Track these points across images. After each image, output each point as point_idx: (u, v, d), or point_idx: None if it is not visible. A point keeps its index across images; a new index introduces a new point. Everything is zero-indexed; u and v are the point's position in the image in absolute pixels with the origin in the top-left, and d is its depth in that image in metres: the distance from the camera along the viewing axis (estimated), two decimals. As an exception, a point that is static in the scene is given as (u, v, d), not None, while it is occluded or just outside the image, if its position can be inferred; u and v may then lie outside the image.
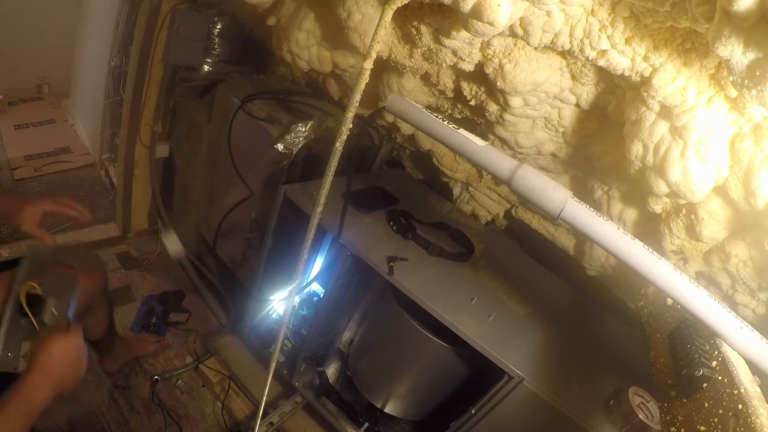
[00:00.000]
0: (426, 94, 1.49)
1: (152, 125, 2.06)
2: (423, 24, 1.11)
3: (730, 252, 1.11)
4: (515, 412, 1.17)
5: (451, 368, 1.46)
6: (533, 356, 1.21)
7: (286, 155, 1.65)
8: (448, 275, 1.40)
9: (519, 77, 1.09)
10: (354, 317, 1.80)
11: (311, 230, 1.08)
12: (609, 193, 1.34)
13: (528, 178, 0.81)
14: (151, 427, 1.64)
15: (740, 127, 0.89)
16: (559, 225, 1.70)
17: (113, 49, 2.14)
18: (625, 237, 0.75)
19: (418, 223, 1.57)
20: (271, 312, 1.84)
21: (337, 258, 1.46)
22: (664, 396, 0.70)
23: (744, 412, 0.55)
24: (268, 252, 1.64)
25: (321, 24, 1.42)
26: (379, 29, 0.82)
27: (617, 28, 0.88)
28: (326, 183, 0.98)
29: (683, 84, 0.88)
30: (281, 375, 1.74)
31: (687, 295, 0.70)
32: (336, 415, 1.65)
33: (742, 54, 0.62)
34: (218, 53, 1.97)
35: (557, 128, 1.29)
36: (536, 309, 1.42)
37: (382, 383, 1.64)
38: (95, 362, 1.73)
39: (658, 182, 0.99)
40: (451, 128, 0.89)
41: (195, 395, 1.79)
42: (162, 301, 2.06)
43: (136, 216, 2.35)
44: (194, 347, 1.96)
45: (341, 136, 0.92)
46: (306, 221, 1.09)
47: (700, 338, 0.73)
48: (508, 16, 0.84)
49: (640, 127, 0.97)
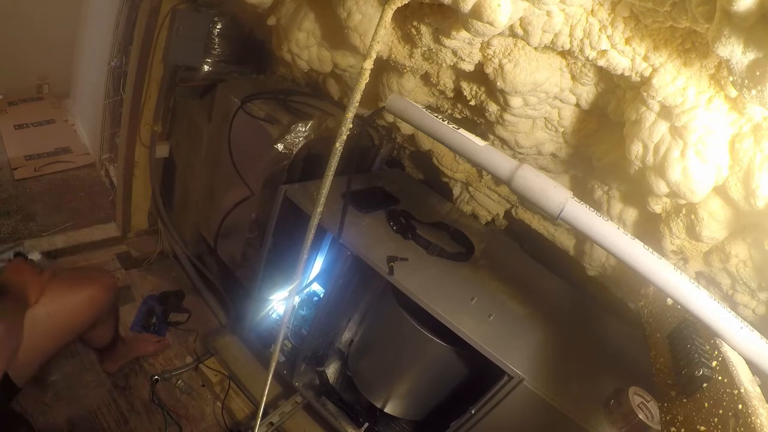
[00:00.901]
0: (426, 94, 1.49)
1: (152, 125, 2.06)
2: (423, 24, 1.11)
3: (730, 252, 1.11)
4: (515, 412, 1.17)
5: (451, 368, 1.46)
6: (533, 356, 1.21)
7: (286, 155, 1.65)
8: (448, 275, 1.39)
9: (519, 77, 1.09)
10: (354, 317, 1.80)
11: (311, 230, 1.08)
12: (609, 193, 1.34)
13: (528, 178, 0.81)
14: (151, 427, 1.64)
15: (740, 127, 0.89)
16: (559, 225, 1.70)
17: (113, 49, 2.14)
18: (625, 237, 0.75)
19: (418, 223, 1.57)
20: (271, 312, 1.84)
21: (337, 258, 1.46)
22: (664, 396, 0.70)
23: (744, 412, 0.55)
24: (268, 252, 1.64)
25: (321, 24, 1.42)
26: (379, 29, 0.82)
27: (617, 28, 0.88)
28: (326, 183, 0.98)
29: (683, 84, 0.88)
30: (281, 375, 1.74)
31: (687, 295, 0.70)
32: (336, 415, 1.65)
33: (742, 54, 0.62)
34: (218, 53, 1.97)
35: (557, 128, 1.29)
36: (536, 309, 1.42)
37: (382, 383, 1.64)
38: (95, 362, 1.73)
39: (658, 182, 0.99)
40: (451, 128, 0.89)
41: (195, 395, 1.79)
42: (162, 301, 2.06)
43: (136, 216, 2.35)
44: (194, 347, 1.96)
45: (341, 136, 0.92)
46: (306, 221, 1.09)
47: (700, 338, 0.73)
48: (508, 16, 0.84)
49: (640, 127, 0.97)
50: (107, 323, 1.49)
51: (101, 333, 1.50)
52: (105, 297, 1.34)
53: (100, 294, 1.32)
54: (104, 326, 1.47)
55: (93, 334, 1.44)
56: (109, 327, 1.52)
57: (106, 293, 1.35)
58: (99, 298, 1.31)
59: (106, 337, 1.55)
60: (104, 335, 1.53)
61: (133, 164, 2.16)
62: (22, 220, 2.22)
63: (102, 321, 1.40)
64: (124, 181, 2.21)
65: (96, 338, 1.52)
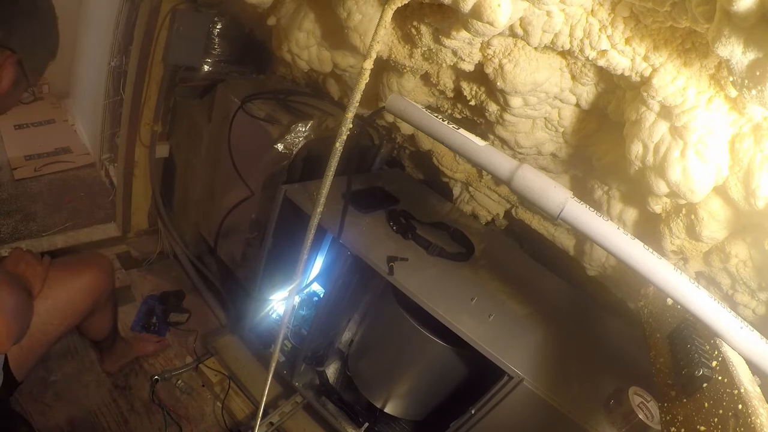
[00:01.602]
0: (426, 94, 1.49)
1: (152, 125, 2.05)
2: (423, 24, 1.11)
3: (730, 252, 1.11)
4: (515, 412, 1.17)
5: (451, 368, 1.46)
6: (533, 356, 1.21)
7: (286, 155, 1.65)
8: (448, 275, 1.39)
9: (519, 77, 1.09)
10: (354, 317, 1.80)
11: (311, 230, 1.08)
12: (609, 193, 1.34)
13: (528, 178, 0.81)
14: (151, 427, 1.64)
15: (740, 127, 0.89)
16: (559, 225, 1.70)
17: (113, 49, 2.14)
18: (625, 237, 0.75)
19: (418, 223, 1.57)
20: (271, 312, 1.84)
21: (337, 258, 1.46)
22: (664, 396, 0.70)
23: (744, 412, 0.55)
24: (268, 252, 1.64)
25: (321, 24, 1.42)
26: (379, 29, 0.82)
27: (617, 28, 0.88)
28: (326, 183, 0.98)
29: (683, 84, 0.88)
30: (281, 375, 1.74)
31: (687, 295, 0.70)
32: (336, 415, 1.65)
33: (742, 54, 0.62)
34: (218, 53, 1.97)
35: (557, 128, 1.29)
36: (536, 309, 1.42)
37: (382, 383, 1.64)
38: (95, 362, 1.73)
39: (658, 182, 0.99)
40: (451, 128, 0.89)
41: (195, 395, 1.79)
42: (162, 301, 2.06)
43: (136, 216, 2.35)
44: (194, 347, 1.96)
45: (341, 136, 0.92)
46: (306, 221, 1.09)
47: (700, 338, 0.73)
48: (508, 16, 0.84)
49: (640, 127, 0.97)
50: (106, 311, 1.47)
51: (100, 322, 1.48)
52: (104, 279, 1.34)
53: (99, 277, 1.31)
54: (103, 314, 1.46)
55: (92, 323, 1.43)
56: (107, 316, 1.50)
57: (105, 276, 1.34)
58: (97, 281, 1.30)
59: (105, 327, 1.53)
60: (103, 325, 1.52)
61: (133, 164, 2.16)
62: (22, 220, 2.22)
63: (100, 308, 1.39)
64: (124, 181, 2.21)
65: (95, 328, 1.50)
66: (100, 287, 1.32)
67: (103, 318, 1.48)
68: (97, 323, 1.47)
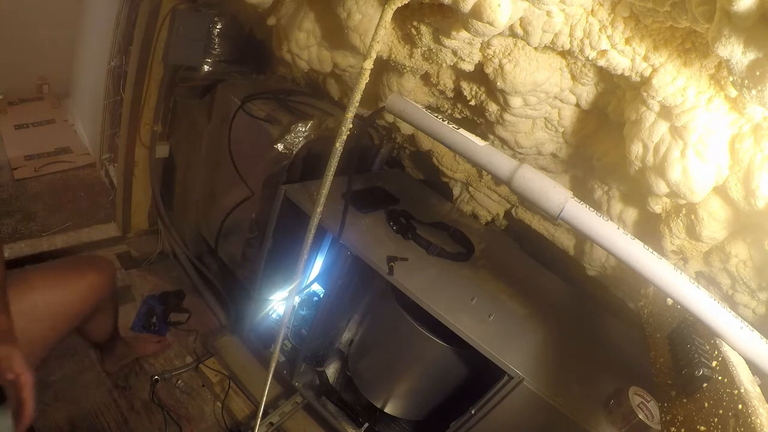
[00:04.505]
0: (426, 94, 1.49)
1: (152, 125, 2.05)
2: (423, 24, 1.11)
3: (730, 252, 1.11)
4: (515, 412, 1.17)
5: (451, 368, 1.46)
6: (533, 356, 1.21)
7: (286, 155, 1.65)
8: (448, 275, 1.39)
9: (519, 77, 1.09)
10: (354, 317, 1.80)
11: (311, 230, 1.08)
12: (609, 193, 1.34)
13: (528, 178, 0.81)
14: (151, 427, 1.64)
15: (740, 127, 0.89)
16: (559, 225, 1.70)
17: (113, 49, 2.14)
18: (625, 237, 0.75)
19: (418, 223, 1.57)
20: (271, 312, 1.84)
21: (337, 258, 1.46)
22: (664, 396, 0.70)
23: (744, 412, 0.55)
24: (268, 252, 1.64)
25: (321, 24, 1.42)
26: (379, 29, 0.82)
27: (617, 28, 0.88)
28: (326, 183, 0.98)
29: (683, 84, 0.88)
30: (281, 375, 1.74)
31: (687, 295, 0.70)
32: (336, 415, 1.65)
33: (742, 54, 0.62)
34: (218, 53, 1.97)
35: (557, 128, 1.29)
36: (536, 309, 1.42)
37: (382, 383, 1.64)
38: (95, 362, 1.73)
39: (658, 182, 0.99)
40: (451, 128, 0.89)
41: (195, 395, 1.79)
42: (162, 301, 2.06)
43: (136, 216, 2.35)
44: (194, 347, 1.96)
45: (341, 136, 0.92)
46: (306, 221, 1.09)
47: (700, 338, 0.73)
48: (508, 16, 0.84)
49: (640, 127, 0.97)
50: (107, 313, 1.47)
51: (101, 324, 1.48)
52: (105, 282, 1.33)
53: (101, 280, 1.30)
54: (103, 316, 1.46)
55: (93, 325, 1.43)
56: (108, 318, 1.50)
57: (107, 279, 1.34)
58: (99, 285, 1.30)
59: (105, 329, 1.53)
60: (104, 327, 1.51)
61: (133, 164, 2.16)
62: (22, 220, 2.22)
63: (101, 310, 1.38)
64: (124, 181, 2.21)
65: (95, 330, 1.49)
66: (101, 291, 1.31)
67: (103, 320, 1.48)
68: (97, 325, 1.48)
